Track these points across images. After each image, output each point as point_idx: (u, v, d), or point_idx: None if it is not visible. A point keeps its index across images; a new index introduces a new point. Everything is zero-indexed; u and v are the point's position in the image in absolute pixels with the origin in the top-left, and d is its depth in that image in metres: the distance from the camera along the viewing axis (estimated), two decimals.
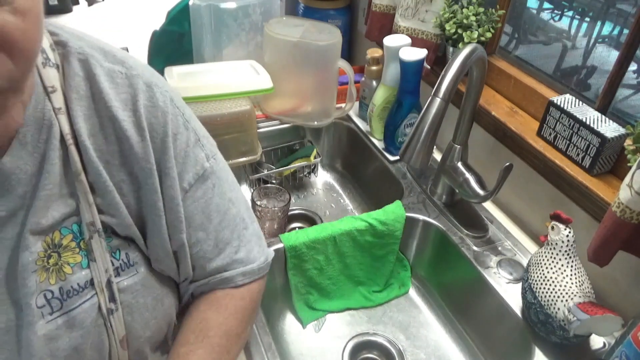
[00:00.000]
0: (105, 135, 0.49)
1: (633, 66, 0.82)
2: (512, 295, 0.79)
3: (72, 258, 0.49)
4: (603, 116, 0.80)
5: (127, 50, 1.54)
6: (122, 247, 0.52)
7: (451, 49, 1.03)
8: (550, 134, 0.85)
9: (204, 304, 0.59)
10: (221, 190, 0.58)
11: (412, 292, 0.98)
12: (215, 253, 0.58)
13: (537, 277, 0.71)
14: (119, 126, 0.49)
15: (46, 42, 0.48)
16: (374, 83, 1.13)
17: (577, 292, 0.67)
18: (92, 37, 0.53)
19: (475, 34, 0.97)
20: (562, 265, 0.69)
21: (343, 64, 1.10)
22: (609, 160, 0.79)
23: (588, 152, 0.79)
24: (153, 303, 0.54)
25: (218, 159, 0.59)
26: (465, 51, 0.73)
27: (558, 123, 0.83)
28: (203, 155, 0.56)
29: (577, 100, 0.84)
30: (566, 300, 0.67)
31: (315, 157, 1.15)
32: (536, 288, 0.70)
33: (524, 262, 0.85)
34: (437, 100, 0.72)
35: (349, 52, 1.55)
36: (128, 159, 0.50)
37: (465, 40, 0.98)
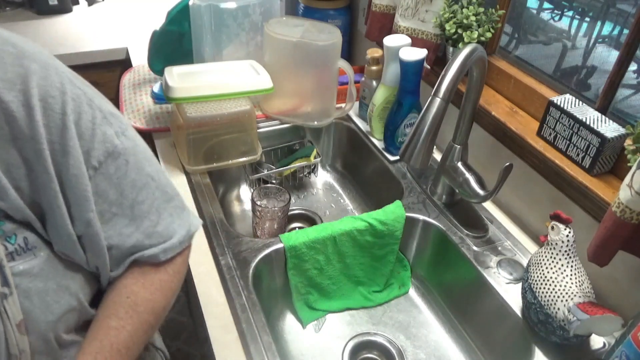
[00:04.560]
0: None
1: (633, 66, 0.82)
2: (512, 295, 0.79)
3: None
4: (603, 116, 0.80)
5: (127, 50, 1.54)
6: (19, 231, 0.51)
7: (451, 49, 1.03)
8: (550, 134, 0.85)
9: (129, 278, 0.59)
10: (138, 166, 0.58)
11: (412, 292, 0.98)
12: (133, 228, 0.58)
13: (537, 277, 0.71)
14: (5, 107, 0.48)
15: None
16: (374, 83, 1.13)
17: (577, 292, 0.67)
18: None
19: (475, 34, 0.97)
20: (562, 265, 0.69)
21: (343, 64, 1.10)
22: (609, 160, 0.79)
23: (588, 152, 0.79)
24: (55, 287, 0.53)
25: (130, 135, 0.59)
26: (465, 51, 0.73)
27: (558, 123, 0.83)
28: (112, 133, 0.56)
29: (577, 100, 0.84)
30: (566, 300, 0.67)
31: (315, 157, 1.15)
32: (536, 288, 0.71)
33: (524, 262, 0.85)
34: (437, 100, 0.72)
35: (349, 52, 1.55)
36: (18, 140, 0.49)
37: (465, 40, 0.98)
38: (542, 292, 0.69)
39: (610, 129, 0.77)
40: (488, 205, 0.98)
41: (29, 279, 0.51)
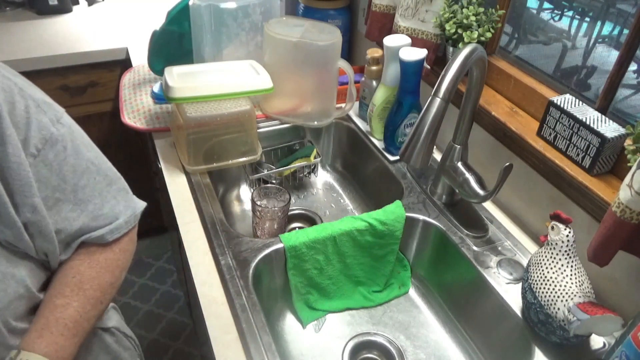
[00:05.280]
0: None
1: (633, 66, 0.82)
2: (512, 295, 0.79)
3: None
4: (603, 116, 0.80)
5: (127, 50, 1.54)
6: None
7: (451, 49, 1.03)
8: (550, 134, 0.85)
9: (75, 259, 0.62)
10: (76, 152, 0.60)
11: (412, 292, 0.98)
12: (77, 212, 0.60)
13: (537, 277, 0.71)
14: None
15: None
16: (374, 83, 1.13)
17: (577, 292, 0.67)
18: None
19: (475, 34, 0.97)
20: (562, 265, 0.69)
21: (343, 64, 1.10)
22: (609, 160, 0.79)
23: (588, 152, 0.79)
24: (1, 277, 0.54)
25: (65, 122, 0.60)
26: (465, 51, 0.73)
27: (558, 123, 0.83)
28: (47, 120, 0.57)
29: (577, 100, 0.84)
30: (566, 300, 0.67)
31: (315, 157, 1.15)
32: (536, 288, 0.71)
33: (524, 262, 0.85)
34: (437, 100, 0.72)
35: (349, 52, 1.55)
36: None
37: (465, 40, 0.98)
38: (542, 292, 0.69)
39: (610, 129, 0.77)
40: (488, 205, 0.98)
41: None
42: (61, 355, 0.57)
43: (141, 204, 0.69)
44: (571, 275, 0.69)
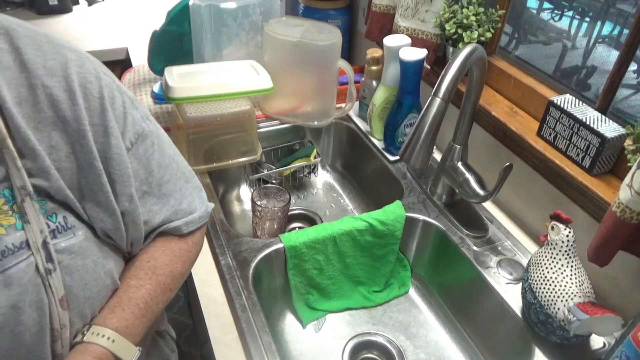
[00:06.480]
0: (34, 103, 0.51)
1: (633, 66, 0.82)
2: (512, 295, 0.79)
3: (6, 220, 0.50)
4: (603, 116, 0.80)
5: (127, 50, 1.53)
6: (58, 210, 0.53)
7: (451, 49, 1.04)
8: (550, 134, 0.85)
9: (151, 246, 0.64)
10: (160, 148, 0.63)
11: (412, 292, 0.98)
12: (160, 205, 0.63)
13: (537, 277, 0.71)
14: (49, 92, 0.51)
15: None
16: (374, 83, 1.13)
17: (577, 292, 0.67)
18: (6, 16, 0.55)
19: (475, 34, 0.97)
20: (562, 265, 0.69)
21: (343, 64, 1.10)
22: (609, 160, 0.79)
23: (588, 152, 0.79)
24: (93, 265, 0.56)
25: (152, 119, 0.64)
26: (465, 51, 0.73)
27: (558, 123, 0.83)
28: (139, 116, 0.60)
29: (577, 100, 0.84)
30: (566, 300, 0.67)
31: (315, 157, 1.15)
32: (536, 288, 0.71)
33: (524, 262, 0.85)
34: (437, 100, 0.72)
35: (349, 52, 1.55)
36: (61, 123, 0.52)
37: (465, 40, 0.98)
38: (542, 292, 0.69)
39: (610, 129, 0.77)
40: (488, 205, 0.98)
41: (69, 257, 0.53)
42: (130, 332, 0.58)
43: (211, 204, 0.73)
44: (571, 275, 0.69)
